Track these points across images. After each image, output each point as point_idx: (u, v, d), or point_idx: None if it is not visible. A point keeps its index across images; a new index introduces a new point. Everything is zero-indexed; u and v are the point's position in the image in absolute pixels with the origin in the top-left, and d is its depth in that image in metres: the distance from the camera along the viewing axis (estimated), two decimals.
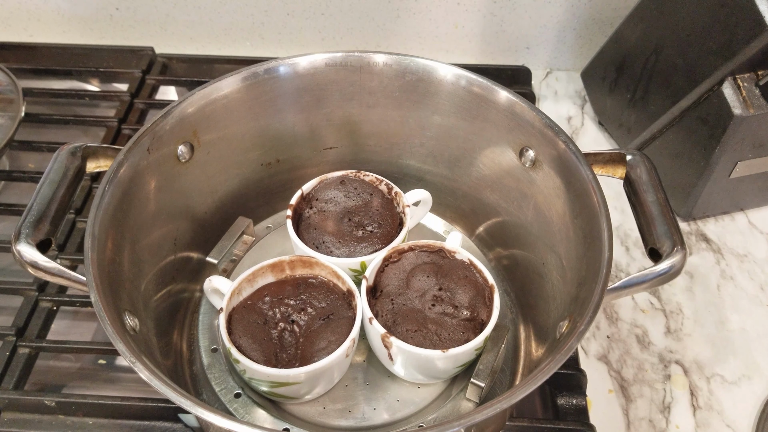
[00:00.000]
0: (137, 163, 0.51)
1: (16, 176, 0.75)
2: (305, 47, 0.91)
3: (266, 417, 0.51)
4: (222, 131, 0.58)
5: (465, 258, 0.54)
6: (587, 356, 0.63)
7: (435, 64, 0.58)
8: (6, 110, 0.74)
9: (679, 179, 0.71)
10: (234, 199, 0.62)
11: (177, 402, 0.38)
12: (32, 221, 0.46)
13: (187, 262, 0.59)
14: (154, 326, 0.52)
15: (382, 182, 0.60)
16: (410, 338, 0.49)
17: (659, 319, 0.66)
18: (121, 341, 0.40)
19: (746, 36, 0.60)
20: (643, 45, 0.73)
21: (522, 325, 0.59)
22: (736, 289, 0.68)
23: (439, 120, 0.60)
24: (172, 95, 0.90)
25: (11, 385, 0.56)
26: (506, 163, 0.58)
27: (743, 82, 0.64)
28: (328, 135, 0.63)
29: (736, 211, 0.75)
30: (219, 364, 0.55)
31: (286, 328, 0.51)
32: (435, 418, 0.51)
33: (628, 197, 0.52)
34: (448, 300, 0.52)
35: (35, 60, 0.88)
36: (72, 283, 0.45)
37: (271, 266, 0.53)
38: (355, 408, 0.52)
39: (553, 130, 0.53)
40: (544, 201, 0.55)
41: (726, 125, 0.64)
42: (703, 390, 0.60)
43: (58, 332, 0.63)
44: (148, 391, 0.56)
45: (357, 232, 0.57)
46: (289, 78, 0.59)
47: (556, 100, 0.89)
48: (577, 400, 0.56)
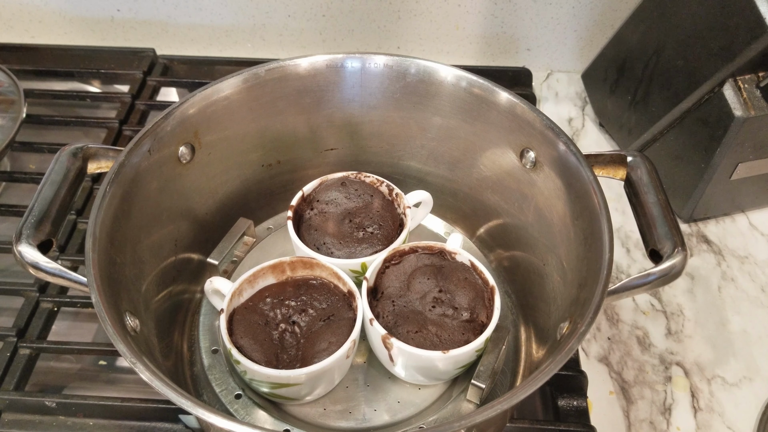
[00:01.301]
0: (138, 164, 0.51)
1: (17, 177, 0.75)
2: (306, 49, 0.92)
3: (267, 418, 0.51)
4: (223, 132, 0.58)
5: (466, 259, 0.54)
6: (588, 358, 0.63)
7: (436, 65, 0.58)
8: (7, 111, 0.74)
9: (680, 181, 0.71)
10: (235, 200, 0.62)
11: (178, 403, 0.38)
12: (33, 222, 0.46)
13: (188, 263, 0.59)
14: (155, 327, 0.52)
15: (383, 183, 0.60)
16: (411, 339, 0.49)
17: (660, 321, 0.66)
18: (122, 342, 0.40)
19: (747, 37, 0.60)
20: (643, 46, 0.73)
21: (523, 326, 0.59)
22: (737, 290, 0.68)
23: (439, 121, 0.60)
24: (173, 96, 0.90)
25: (12, 386, 0.56)
26: (507, 164, 0.58)
27: (744, 84, 0.64)
28: (328, 136, 0.63)
29: (736, 213, 0.75)
30: (220, 365, 0.55)
31: (286, 329, 0.51)
32: (435, 420, 0.51)
33: (629, 199, 0.52)
34: (449, 302, 0.52)
35: (37, 61, 0.88)
36: (73, 284, 0.45)
37: (272, 267, 0.53)
38: (356, 409, 0.52)
39: (553, 131, 0.53)
40: (544, 202, 0.55)
41: (727, 127, 0.64)
42: (704, 392, 0.60)
43: (59, 333, 0.63)
44: (149, 392, 0.56)
45: (358, 233, 0.57)
46: (290, 79, 0.59)
47: (557, 102, 0.89)
48: (578, 402, 0.56)
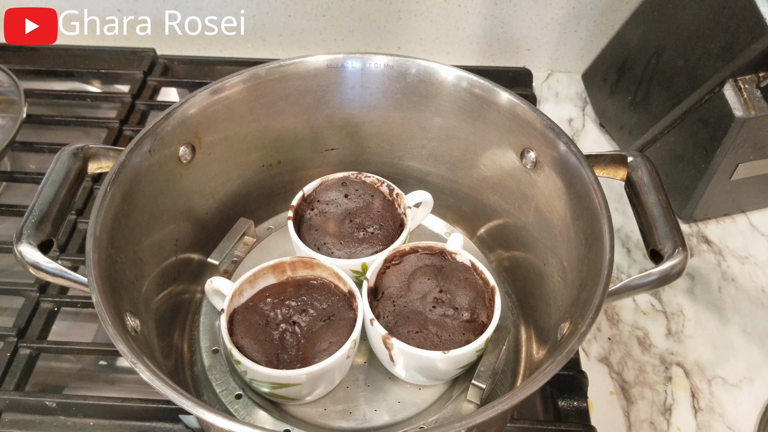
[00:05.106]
0: (139, 164, 0.51)
1: (17, 177, 0.75)
2: (306, 49, 0.92)
3: (267, 418, 0.51)
4: (223, 132, 0.58)
5: (466, 260, 0.54)
6: (588, 358, 0.63)
7: (436, 65, 0.58)
8: (8, 111, 0.74)
9: (681, 181, 0.71)
10: (235, 201, 0.62)
11: (178, 403, 0.38)
12: (34, 222, 0.46)
13: (189, 263, 0.59)
14: (155, 327, 0.52)
15: (383, 184, 0.60)
16: (411, 339, 0.49)
17: (660, 321, 0.66)
18: (123, 342, 0.40)
19: (747, 38, 0.60)
20: (644, 47, 0.73)
21: (523, 326, 0.59)
22: (737, 290, 0.68)
23: (440, 121, 0.60)
24: (174, 96, 0.90)
25: (12, 386, 0.56)
26: (507, 164, 0.58)
27: (744, 84, 0.64)
28: (329, 136, 0.63)
29: (737, 213, 0.75)
30: (220, 365, 0.55)
31: (287, 330, 0.51)
32: (436, 420, 0.51)
33: (630, 199, 0.52)
34: (449, 302, 0.52)
35: (37, 61, 0.88)
36: (73, 284, 0.45)
37: (273, 267, 0.53)
38: (356, 409, 0.52)
39: (554, 131, 0.53)
40: (545, 202, 0.55)
41: (727, 127, 0.64)
42: (704, 392, 0.60)
43: (59, 333, 0.63)
44: (149, 392, 0.56)
45: (358, 233, 0.57)
46: (290, 79, 0.59)
47: (557, 102, 0.89)
48: (578, 402, 0.56)
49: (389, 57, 0.59)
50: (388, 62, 0.59)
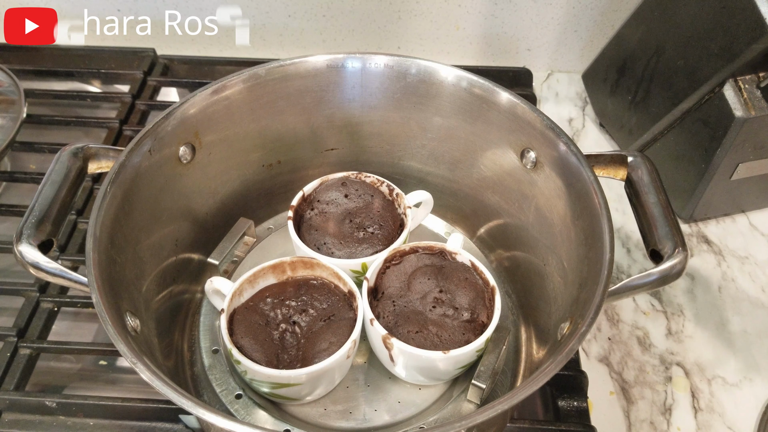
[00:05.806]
0: (139, 164, 0.51)
1: (17, 177, 0.75)
2: (306, 49, 0.92)
3: (267, 418, 0.51)
4: (223, 132, 0.58)
5: (466, 260, 0.54)
6: (588, 358, 0.63)
7: (436, 65, 0.58)
8: (8, 111, 0.74)
9: (681, 181, 0.71)
10: (235, 201, 0.62)
11: (178, 403, 0.38)
12: (34, 222, 0.46)
13: (189, 263, 0.59)
14: (155, 327, 0.52)
15: (383, 183, 0.60)
16: (411, 339, 0.49)
17: (660, 321, 0.66)
18: (123, 342, 0.40)
19: (747, 38, 0.60)
20: (644, 47, 0.73)
21: (523, 326, 0.59)
22: (737, 290, 0.68)
23: (440, 121, 0.60)
24: (174, 96, 0.90)
25: (12, 386, 0.56)
26: (507, 164, 0.58)
27: (744, 84, 0.64)
28: (329, 136, 0.63)
29: (737, 213, 0.75)
30: (220, 365, 0.55)
31: (287, 329, 0.51)
32: (436, 420, 0.51)
33: (630, 199, 0.52)
34: (449, 302, 0.52)
35: (37, 61, 0.88)
36: (73, 284, 0.45)
37: (273, 267, 0.53)
38: (356, 409, 0.52)
39: (554, 131, 0.53)
40: (545, 202, 0.55)
41: (727, 127, 0.64)
42: (704, 392, 0.60)
43: (59, 333, 0.63)
44: (149, 392, 0.56)
45: (358, 233, 0.57)
46: (290, 79, 0.59)
47: (557, 102, 0.89)
48: (578, 402, 0.56)
49: (389, 57, 0.59)
50: (388, 62, 0.59)
